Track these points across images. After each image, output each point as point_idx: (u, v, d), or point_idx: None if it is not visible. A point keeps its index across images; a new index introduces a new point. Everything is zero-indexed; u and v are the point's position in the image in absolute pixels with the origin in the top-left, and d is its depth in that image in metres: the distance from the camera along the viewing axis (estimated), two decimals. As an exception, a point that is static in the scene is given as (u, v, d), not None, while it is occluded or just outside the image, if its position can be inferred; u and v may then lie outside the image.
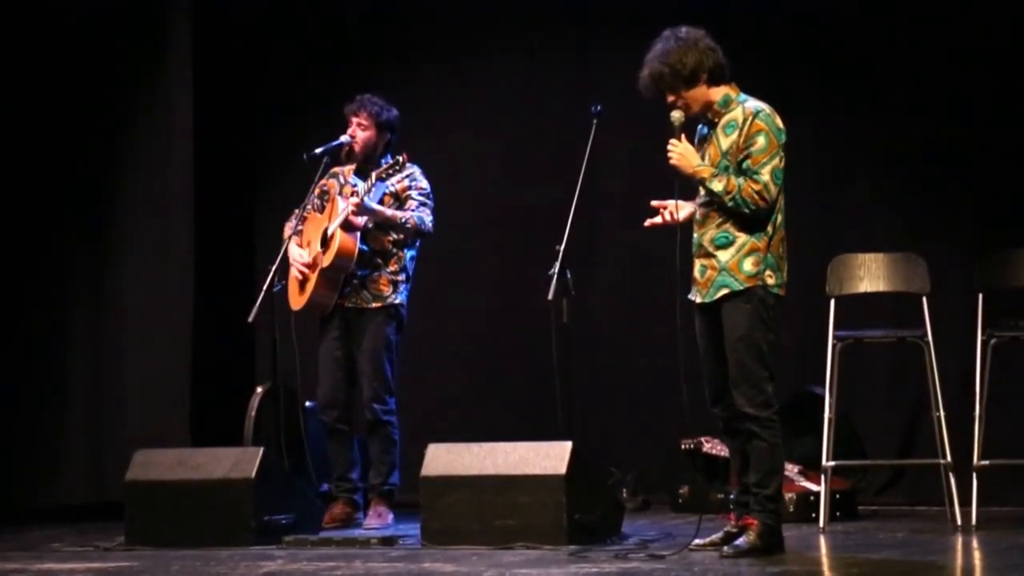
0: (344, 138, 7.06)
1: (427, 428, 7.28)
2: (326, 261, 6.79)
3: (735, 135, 5.54)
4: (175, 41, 7.96)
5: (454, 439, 6.36)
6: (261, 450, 6.41)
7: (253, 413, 7.26)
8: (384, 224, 6.83)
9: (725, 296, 5.55)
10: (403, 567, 5.53)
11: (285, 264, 6.93)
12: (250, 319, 6.81)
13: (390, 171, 6.73)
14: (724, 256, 5.56)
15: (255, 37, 8.39)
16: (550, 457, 5.95)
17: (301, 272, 6.89)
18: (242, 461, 6.35)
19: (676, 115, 5.57)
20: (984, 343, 6.51)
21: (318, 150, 6.99)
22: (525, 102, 8.09)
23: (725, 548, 5.50)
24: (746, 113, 5.55)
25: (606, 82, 7.77)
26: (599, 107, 6.36)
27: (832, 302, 6.67)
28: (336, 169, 7.12)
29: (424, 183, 6.89)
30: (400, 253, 6.91)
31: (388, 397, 6.85)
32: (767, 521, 5.54)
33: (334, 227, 6.79)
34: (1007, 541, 5.85)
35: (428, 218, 6.85)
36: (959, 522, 6.37)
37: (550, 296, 6.05)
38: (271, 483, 6.36)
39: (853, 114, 7.60)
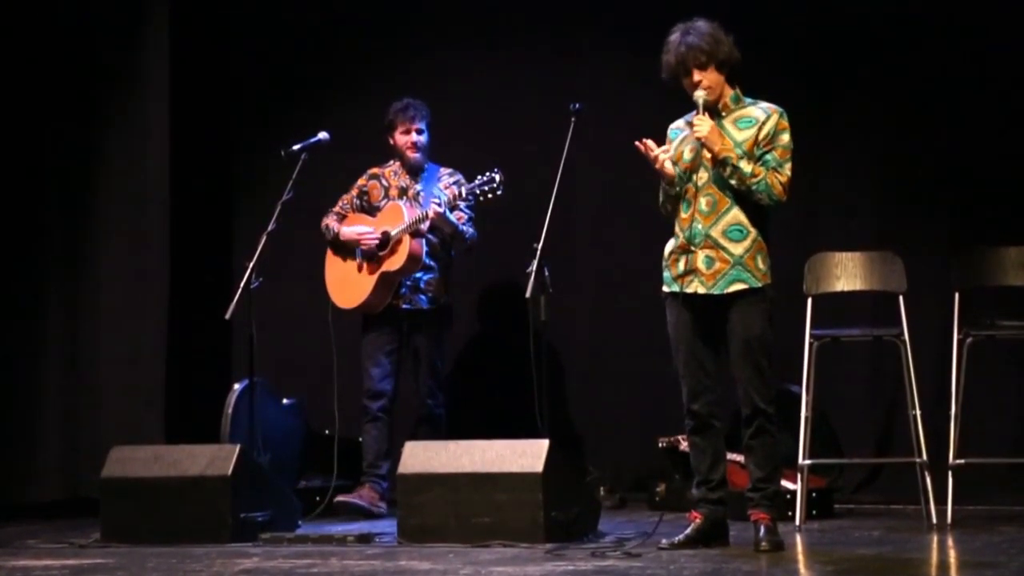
0: (322, 135, 7.12)
1: (404, 425, 7.27)
2: (393, 265, 7.05)
3: (753, 130, 5.61)
4: (151, 38, 7.93)
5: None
6: (238, 447, 6.39)
7: (230, 410, 7.25)
8: (447, 233, 7.10)
9: (740, 292, 5.59)
10: (379, 564, 5.52)
11: (263, 261, 6.91)
12: (227, 316, 6.80)
13: (485, 187, 6.97)
14: (737, 249, 5.59)
15: (233, 33, 8.37)
16: (527, 455, 5.95)
17: (369, 252, 7.09)
18: (218, 458, 6.34)
19: (700, 94, 5.61)
20: (960, 342, 6.53)
21: (296, 146, 7.04)
22: (505, 99, 8.09)
23: (763, 544, 5.53)
24: (769, 112, 5.65)
25: (586, 80, 7.79)
26: (578, 105, 6.36)
27: (809, 301, 6.68)
28: (375, 170, 7.37)
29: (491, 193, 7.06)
30: (448, 256, 7.22)
31: (440, 393, 7.19)
32: (776, 516, 5.64)
33: (399, 232, 7.03)
34: (982, 539, 5.86)
35: (476, 234, 7.18)
36: (935, 520, 6.38)
37: (528, 293, 6.05)
38: (248, 480, 6.34)
39: (830, 115, 7.61)
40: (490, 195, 6.99)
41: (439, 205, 6.99)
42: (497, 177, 6.93)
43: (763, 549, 5.53)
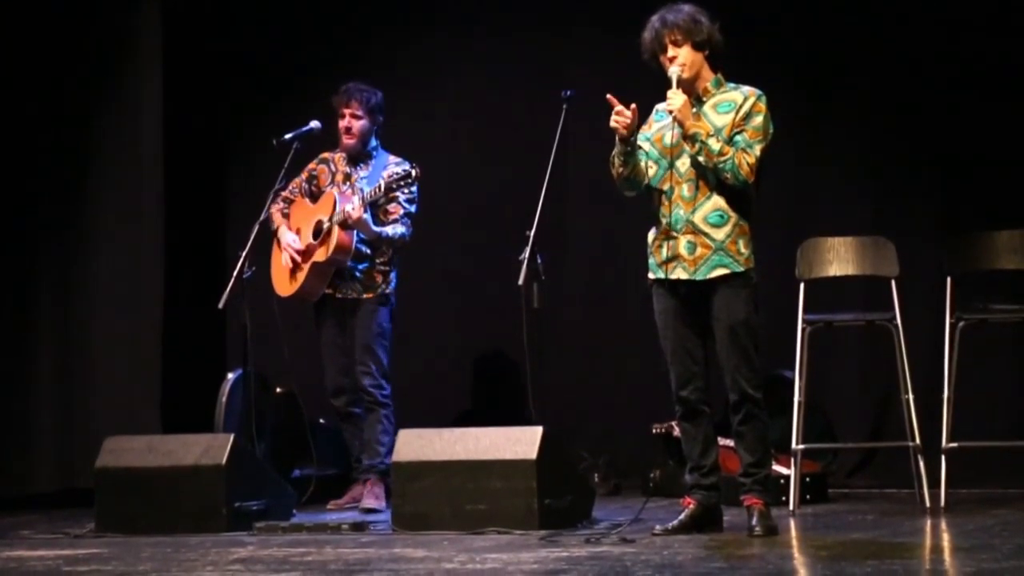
0: (314, 124, 7.10)
1: (398, 413, 7.27)
2: (322, 255, 6.92)
3: (731, 114, 5.59)
4: (145, 24, 7.91)
5: (424, 425, 6.37)
6: (232, 436, 6.40)
7: (224, 399, 7.26)
8: (364, 233, 6.90)
9: (723, 277, 5.57)
10: (374, 552, 5.53)
11: (256, 250, 6.92)
12: (220, 305, 6.81)
13: (400, 183, 6.80)
14: (719, 235, 5.57)
15: (226, 20, 8.36)
16: (521, 442, 5.96)
17: (293, 259, 6.99)
18: (213, 448, 6.34)
19: (675, 69, 5.60)
20: (953, 326, 6.54)
21: (288, 136, 7.04)
22: (496, 86, 8.09)
23: (756, 529, 5.54)
24: (747, 94, 5.62)
25: (577, 66, 7.79)
26: (570, 92, 6.36)
27: (802, 286, 6.69)
28: (326, 155, 7.20)
29: (413, 186, 6.90)
30: (387, 246, 7.03)
31: (385, 382, 7.00)
32: (769, 501, 5.64)
33: (331, 222, 6.89)
34: (975, 522, 5.88)
35: (408, 232, 6.98)
36: (928, 504, 6.40)
37: (521, 281, 6.06)
38: (242, 469, 6.35)
39: (823, 99, 7.62)
40: (404, 188, 6.82)
41: (352, 207, 6.78)
42: (414, 172, 6.80)
43: (756, 534, 5.55)
